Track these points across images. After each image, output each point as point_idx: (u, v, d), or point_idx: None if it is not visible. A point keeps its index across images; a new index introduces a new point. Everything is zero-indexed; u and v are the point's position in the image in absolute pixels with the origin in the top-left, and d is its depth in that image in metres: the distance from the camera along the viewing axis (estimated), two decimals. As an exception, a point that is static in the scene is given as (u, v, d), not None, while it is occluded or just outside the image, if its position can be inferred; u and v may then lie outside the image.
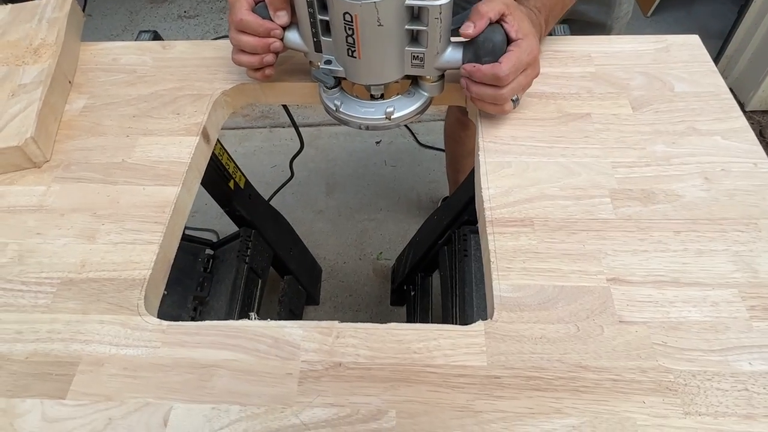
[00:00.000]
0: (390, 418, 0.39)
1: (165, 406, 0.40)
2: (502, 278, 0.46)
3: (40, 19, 0.68)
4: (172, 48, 0.69)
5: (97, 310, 0.46)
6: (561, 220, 0.50)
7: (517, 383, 0.41)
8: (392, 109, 0.55)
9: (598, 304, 0.44)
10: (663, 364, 0.41)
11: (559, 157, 0.55)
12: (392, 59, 0.52)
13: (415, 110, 0.56)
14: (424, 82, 0.56)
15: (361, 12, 0.46)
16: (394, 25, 0.48)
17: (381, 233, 1.48)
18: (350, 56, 0.51)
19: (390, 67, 0.53)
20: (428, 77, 0.55)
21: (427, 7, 0.47)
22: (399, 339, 0.43)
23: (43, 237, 0.51)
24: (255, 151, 1.70)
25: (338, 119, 0.58)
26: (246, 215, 0.99)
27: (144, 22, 2.19)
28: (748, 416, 0.38)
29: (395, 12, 0.47)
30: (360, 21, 0.47)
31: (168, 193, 0.54)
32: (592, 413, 0.39)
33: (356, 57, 0.50)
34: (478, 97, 0.54)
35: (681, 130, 0.56)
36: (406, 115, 0.56)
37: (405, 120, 0.56)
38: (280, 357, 0.43)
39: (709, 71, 0.62)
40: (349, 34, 0.48)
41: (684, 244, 0.48)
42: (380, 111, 0.56)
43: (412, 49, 0.51)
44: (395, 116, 0.55)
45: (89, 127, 0.60)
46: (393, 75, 0.54)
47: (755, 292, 0.44)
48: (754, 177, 0.52)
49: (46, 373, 0.42)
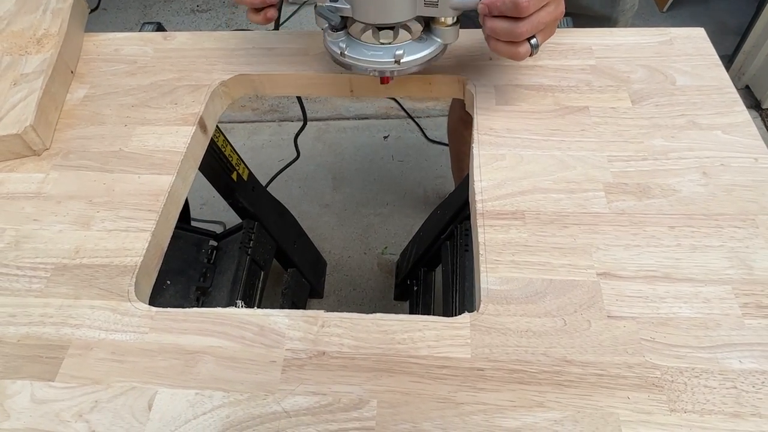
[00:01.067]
0: (371, 408, 0.39)
1: (150, 391, 0.41)
2: (491, 271, 0.46)
3: (44, 10, 0.69)
4: (173, 39, 0.70)
5: (88, 295, 0.47)
6: (553, 213, 0.49)
7: (500, 376, 0.40)
8: (402, 52, 0.52)
9: (587, 299, 0.44)
10: (650, 360, 0.40)
11: (554, 150, 0.54)
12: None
13: (426, 55, 0.53)
14: (437, 26, 0.53)
15: None
16: None
17: (386, 228, 1.48)
18: None
19: (401, 4, 0.49)
20: (442, 20, 0.51)
21: None
22: (384, 329, 0.43)
23: (39, 223, 0.52)
24: (264, 145, 1.71)
25: (342, 64, 0.54)
26: (249, 207, 1.00)
27: (157, 15, 2.21)
28: (735, 414, 0.38)
29: None
30: None
31: (162, 181, 0.54)
32: (575, 408, 0.39)
33: None
34: (493, 34, 0.49)
35: (681, 124, 0.55)
36: (417, 60, 0.53)
37: (415, 65, 0.53)
38: (265, 345, 0.43)
39: (713, 64, 0.61)
40: None
41: (678, 240, 0.47)
42: (389, 54, 0.52)
43: None
44: (405, 60, 0.52)
45: (89, 117, 0.61)
46: (404, 14, 0.50)
47: (749, 289, 0.43)
48: (753, 172, 0.51)
49: (37, 356, 0.43)
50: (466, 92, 0.62)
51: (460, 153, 1.25)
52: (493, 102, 0.59)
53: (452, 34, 0.53)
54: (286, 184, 1.59)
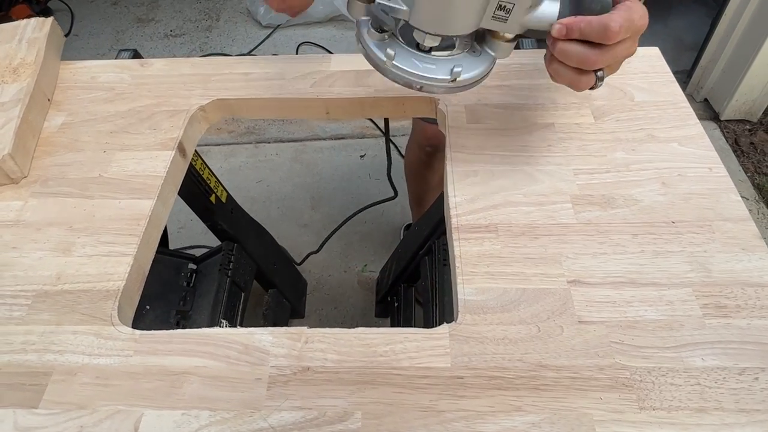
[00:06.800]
0: (356, 420, 0.40)
1: (136, 413, 0.41)
2: (467, 282, 0.48)
3: (20, 40, 0.69)
4: (150, 65, 0.71)
5: (71, 321, 0.47)
6: (524, 225, 0.51)
7: (479, 383, 0.42)
8: (460, 69, 0.45)
9: (559, 305, 0.46)
10: (620, 362, 0.43)
11: (523, 165, 0.57)
12: (475, 5, 0.42)
13: (481, 73, 0.46)
14: (495, 40, 0.46)
15: None
16: None
17: (366, 246, 1.50)
18: None
19: (468, 15, 0.42)
20: (505, 35, 0.45)
21: None
22: (366, 343, 0.45)
23: (18, 251, 0.52)
24: (240, 167, 1.71)
25: (386, 74, 0.46)
26: (228, 229, 1.00)
27: (130, 41, 2.22)
28: (700, 409, 0.40)
29: None
30: None
31: (143, 206, 0.55)
32: (551, 410, 0.40)
33: None
34: (562, 57, 0.43)
35: (640, 138, 0.59)
36: (473, 78, 0.46)
37: (470, 84, 0.47)
38: (250, 363, 0.44)
39: (668, 81, 0.65)
40: None
41: (641, 246, 0.49)
42: (444, 69, 0.45)
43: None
44: (462, 78, 0.45)
45: (67, 144, 0.62)
46: (468, 26, 0.43)
47: (708, 290, 0.46)
48: (708, 181, 0.54)
49: (20, 384, 0.43)
50: (438, 112, 0.64)
51: (420, 191, 1.25)
52: (465, 120, 0.61)
53: (509, 50, 0.47)
54: (264, 205, 1.60)
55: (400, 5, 0.43)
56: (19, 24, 0.72)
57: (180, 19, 2.32)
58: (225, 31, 2.25)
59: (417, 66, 0.45)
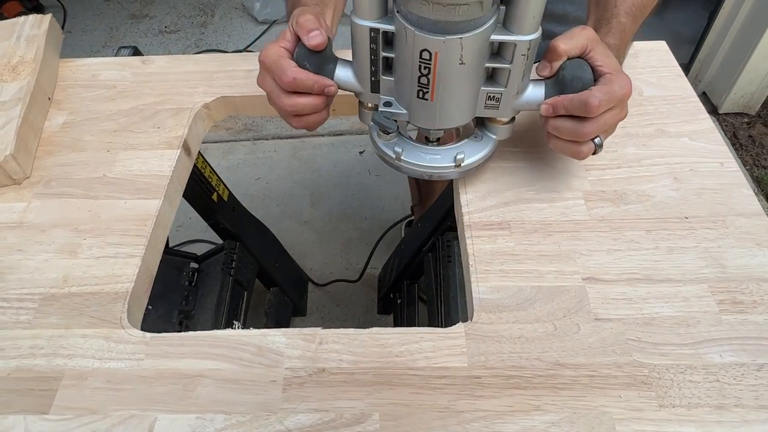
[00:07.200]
0: (374, 421, 0.40)
1: (149, 418, 0.41)
2: (481, 280, 0.47)
3: (18, 37, 0.68)
4: (152, 63, 0.70)
5: (79, 324, 0.46)
6: (537, 222, 0.51)
7: (497, 382, 0.41)
8: (463, 156, 0.49)
9: (575, 303, 0.46)
10: (638, 359, 0.42)
11: (534, 161, 0.56)
12: (467, 100, 0.46)
13: (484, 156, 0.50)
14: (493, 125, 0.50)
15: (443, 49, 0.40)
16: (476, 63, 0.42)
17: (366, 242, 1.49)
18: (420, 98, 0.44)
19: (463, 109, 0.47)
20: (500, 119, 0.49)
21: (514, 42, 0.41)
22: (381, 343, 0.44)
23: (23, 253, 0.51)
24: (239, 164, 1.70)
25: (397, 168, 0.51)
26: (230, 228, 0.99)
27: (125, 37, 2.19)
28: (720, 406, 0.40)
29: (479, 49, 0.41)
30: (440, 59, 0.41)
31: (149, 206, 0.54)
32: (570, 409, 0.40)
33: (428, 99, 0.44)
34: (556, 133, 0.47)
35: (650, 133, 0.58)
36: (476, 162, 0.50)
37: (474, 167, 0.51)
38: (264, 365, 0.43)
39: (677, 75, 0.64)
40: (423, 74, 0.42)
41: (655, 243, 0.49)
42: (448, 158, 0.50)
43: (489, 89, 0.45)
44: (466, 163, 0.50)
45: (69, 143, 0.61)
46: (464, 118, 0.48)
47: (723, 286, 0.46)
48: (720, 176, 0.54)
49: (29, 389, 0.42)
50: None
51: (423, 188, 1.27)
52: (473, 117, 0.61)
53: (508, 131, 0.51)
54: (264, 202, 1.59)
55: (400, 110, 0.47)
56: (17, 21, 0.70)
57: (174, 14, 2.30)
58: (220, 27, 2.22)
59: (423, 158, 0.50)
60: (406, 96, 0.46)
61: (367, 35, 0.43)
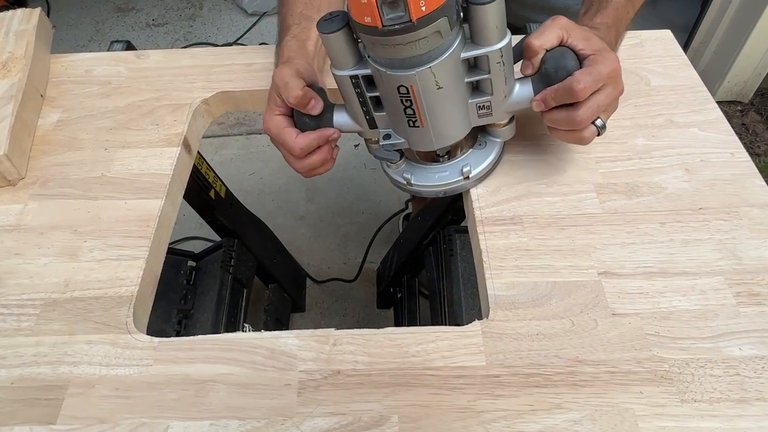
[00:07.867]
0: (392, 424, 0.39)
1: (161, 425, 0.39)
2: (496, 277, 0.46)
3: (6, 32, 0.66)
4: (147, 58, 0.68)
5: (84, 330, 0.44)
6: (549, 216, 0.50)
7: (516, 381, 0.41)
8: (468, 168, 0.51)
9: (591, 298, 0.45)
10: (657, 354, 0.42)
11: (544, 154, 0.55)
12: (458, 117, 0.47)
13: (491, 162, 0.52)
14: (494, 129, 0.51)
15: (417, 81, 0.42)
16: (454, 83, 0.44)
17: (364, 236, 1.48)
18: (412, 126, 0.47)
19: (457, 126, 0.48)
20: (499, 122, 0.50)
21: (485, 55, 0.42)
22: (397, 343, 0.43)
23: (22, 257, 0.49)
24: (232, 159, 1.68)
25: (410, 192, 0.53)
26: (228, 224, 0.98)
27: (111, 31, 2.15)
28: (742, 400, 0.39)
29: (452, 70, 0.43)
30: (417, 90, 0.43)
31: (151, 206, 0.52)
32: (592, 407, 0.39)
33: (419, 126, 0.46)
34: (552, 124, 0.47)
35: (660, 123, 0.58)
36: (484, 170, 0.52)
37: (484, 174, 0.52)
38: (277, 368, 0.42)
39: (683, 65, 0.63)
40: (407, 106, 0.44)
41: (670, 235, 0.49)
42: (455, 172, 0.51)
43: (477, 100, 0.47)
44: (474, 173, 0.51)
45: (65, 142, 0.59)
46: (461, 132, 0.49)
47: (740, 278, 0.46)
48: (732, 166, 0.53)
49: (34, 399, 0.41)
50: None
51: None
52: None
53: (510, 130, 0.51)
54: (258, 197, 1.57)
55: (399, 139, 0.49)
56: (4, 16, 0.68)
57: (162, 7, 2.25)
58: (209, 20, 2.18)
59: (432, 178, 0.52)
60: (400, 127, 0.48)
61: (350, 82, 0.46)
